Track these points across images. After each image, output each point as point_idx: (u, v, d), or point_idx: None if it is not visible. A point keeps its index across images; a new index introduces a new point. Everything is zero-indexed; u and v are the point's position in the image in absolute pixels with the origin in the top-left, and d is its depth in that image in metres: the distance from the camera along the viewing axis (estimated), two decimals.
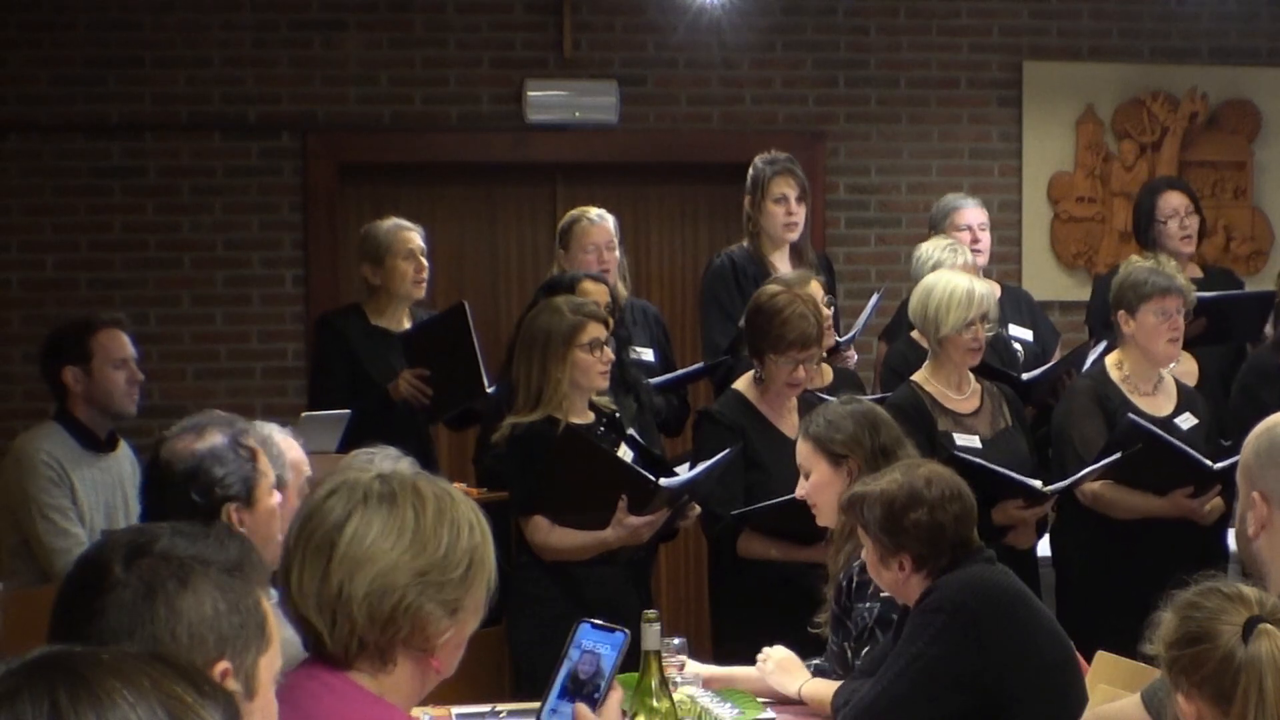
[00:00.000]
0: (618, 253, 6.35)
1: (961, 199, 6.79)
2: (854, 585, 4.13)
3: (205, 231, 7.45)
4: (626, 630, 2.72)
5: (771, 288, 5.43)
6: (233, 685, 1.89)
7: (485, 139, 7.61)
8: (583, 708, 2.64)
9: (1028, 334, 6.47)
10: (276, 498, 3.49)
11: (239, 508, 3.38)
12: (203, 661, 1.87)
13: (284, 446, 3.74)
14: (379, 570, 2.35)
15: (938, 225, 6.70)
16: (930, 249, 6.25)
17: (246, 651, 1.93)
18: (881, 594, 4.02)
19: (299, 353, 7.39)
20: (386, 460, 3.54)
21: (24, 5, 7.31)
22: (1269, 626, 2.42)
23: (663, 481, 5.06)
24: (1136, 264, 5.72)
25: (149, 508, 3.47)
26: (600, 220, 6.35)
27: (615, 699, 2.70)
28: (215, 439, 3.45)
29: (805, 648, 4.34)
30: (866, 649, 4.03)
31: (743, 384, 5.43)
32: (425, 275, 6.32)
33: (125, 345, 5.33)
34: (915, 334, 5.98)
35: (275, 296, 7.50)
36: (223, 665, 1.88)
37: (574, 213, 6.46)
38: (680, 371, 6.43)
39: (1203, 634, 2.47)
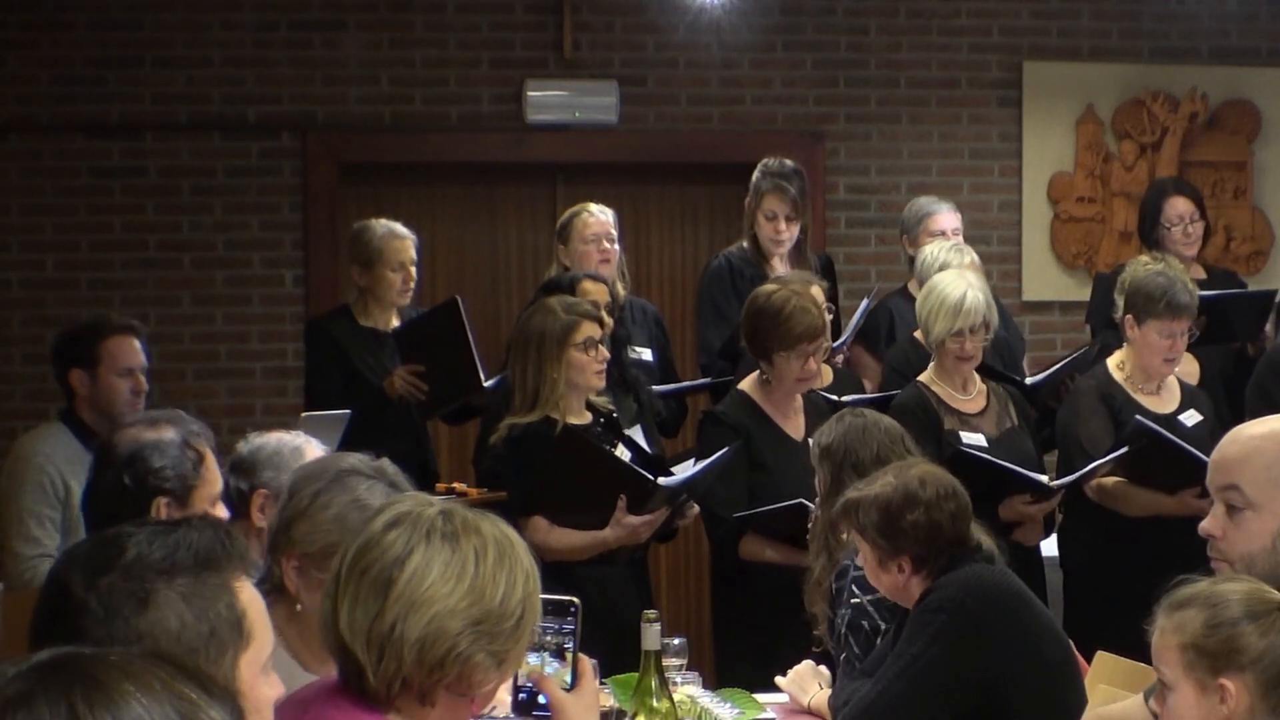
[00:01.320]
0: (617, 246, 6.35)
1: (934, 203, 6.76)
2: (834, 591, 4.14)
3: (205, 232, 7.45)
4: (577, 603, 2.70)
5: (767, 287, 5.43)
6: None
7: (485, 139, 7.61)
8: (550, 684, 2.62)
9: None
10: (221, 512, 3.45)
11: (170, 503, 3.35)
12: None
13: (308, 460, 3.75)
14: (435, 614, 2.30)
15: (910, 231, 6.67)
16: (935, 250, 6.23)
17: (222, 657, 1.90)
18: (852, 600, 4.03)
19: (299, 353, 7.38)
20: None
21: (24, 5, 7.30)
22: None
23: (661, 481, 5.05)
24: (1149, 267, 5.71)
25: (88, 487, 3.51)
26: (600, 213, 6.35)
27: (588, 669, 2.68)
28: (166, 433, 3.46)
29: (806, 652, 4.35)
30: (843, 654, 4.04)
31: (748, 384, 5.42)
32: (412, 284, 6.31)
33: (134, 354, 5.24)
34: (918, 333, 5.99)
35: (275, 297, 7.50)
36: None
37: (573, 208, 6.47)
38: (683, 384, 6.44)
39: (1241, 615, 2.50)
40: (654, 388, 6.13)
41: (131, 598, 1.90)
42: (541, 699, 2.64)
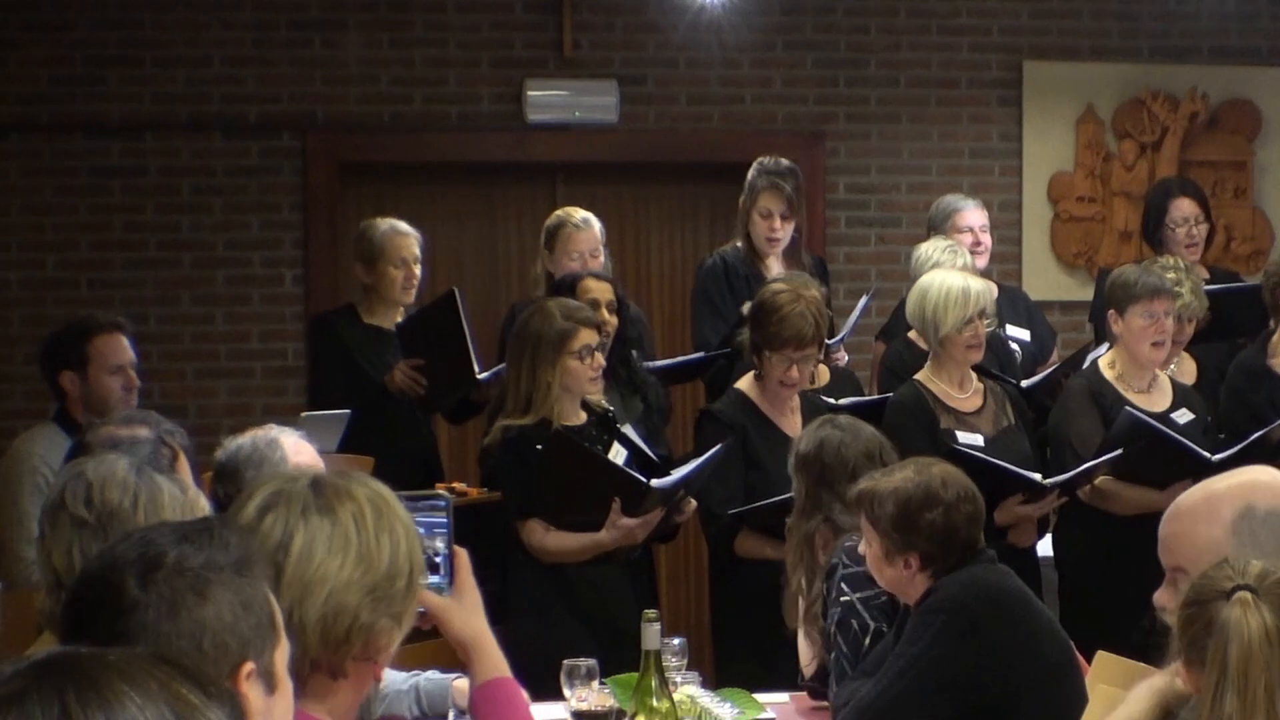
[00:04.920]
0: (603, 257, 6.29)
1: (962, 200, 6.76)
2: (824, 591, 4.12)
3: (205, 231, 7.45)
4: (446, 495, 2.64)
5: (776, 284, 5.43)
6: (257, 685, 1.87)
7: (485, 139, 7.61)
8: (428, 595, 2.56)
9: (1024, 334, 6.47)
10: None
11: None
12: (228, 667, 1.85)
13: (290, 452, 3.74)
14: (330, 591, 2.25)
15: (938, 227, 6.66)
16: (929, 250, 6.24)
17: (265, 649, 1.91)
18: (841, 598, 4.01)
19: (299, 352, 7.39)
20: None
21: (24, 5, 7.31)
22: (1246, 595, 2.42)
23: (654, 482, 5.05)
24: (1135, 265, 5.77)
25: None
26: (586, 226, 6.26)
27: (464, 565, 2.62)
28: (140, 431, 3.46)
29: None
30: (833, 654, 4.03)
31: (744, 383, 5.43)
32: (415, 282, 6.30)
33: (123, 350, 5.24)
34: (912, 334, 5.98)
35: (275, 296, 7.50)
36: (248, 667, 1.87)
37: (560, 214, 6.38)
38: (681, 359, 6.42)
39: (1198, 598, 2.49)
40: (649, 364, 6.10)
41: (191, 591, 1.90)
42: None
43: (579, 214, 6.35)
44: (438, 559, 2.58)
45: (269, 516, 2.29)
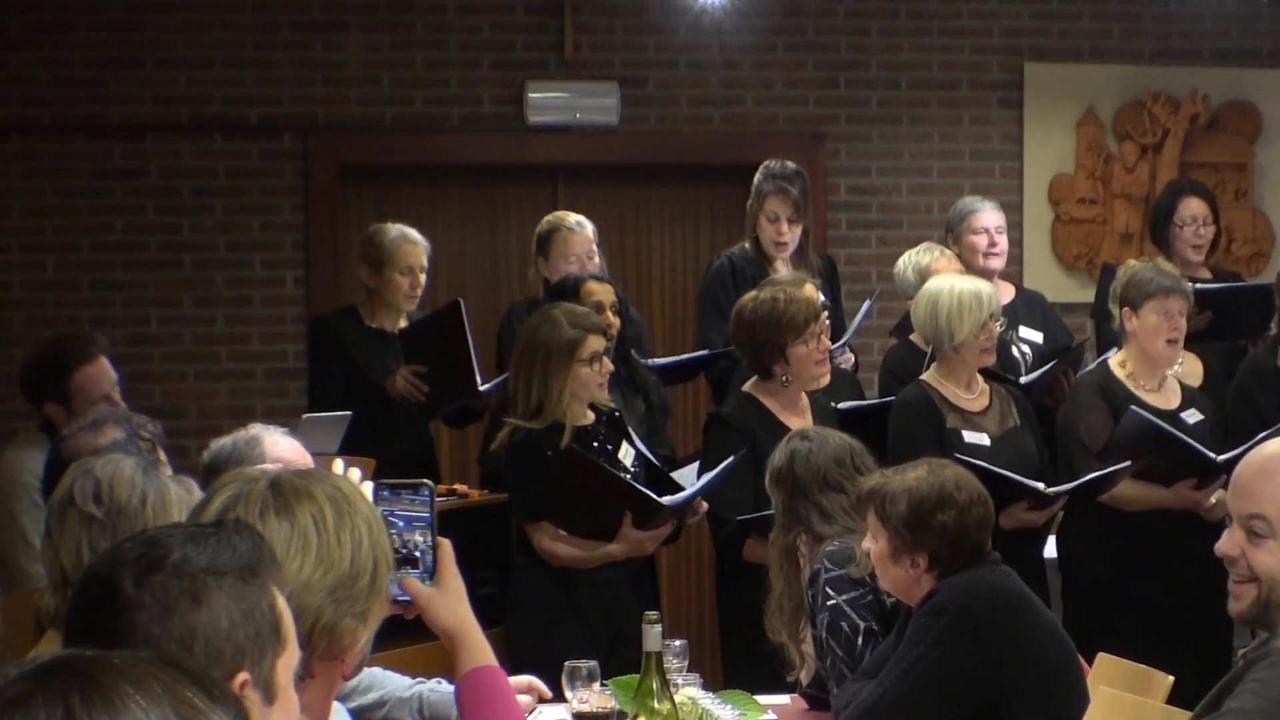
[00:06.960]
0: (597, 259, 6.30)
1: (979, 201, 6.74)
2: (810, 599, 4.12)
3: (206, 233, 7.45)
4: (429, 484, 2.61)
5: (747, 297, 5.41)
6: (253, 694, 1.86)
7: (486, 140, 7.61)
8: (413, 582, 2.55)
9: (1037, 336, 6.46)
10: None
11: None
12: (220, 675, 1.83)
13: (268, 448, 3.74)
14: (290, 594, 2.18)
15: (955, 228, 6.64)
16: (907, 259, 6.30)
17: (264, 658, 1.89)
18: (828, 603, 4.01)
19: (300, 354, 7.39)
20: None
21: (25, 6, 7.31)
22: None
23: (666, 499, 5.06)
24: (1140, 263, 5.79)
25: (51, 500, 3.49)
26: (579, 229, 6.26)
27: (447, 554, 2.60)
28: (114, 434, 3.45)
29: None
30: (828, 660, 4.03)
31: (751, 385, 5.41)
32: (420, 289, 6.30)
33: (105, 377, 5.17)
34: (914, 337, 5.98)
35: (276, 298, 7.50)
36: (242, 676, 1.86)
37: (552, 219, 6.37)
38: (683, 356, 6.41)
39: None
40: (651, 361, 6.10)
41: (185, 595, 1.88)
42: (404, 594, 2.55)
43: (571, 217, 6.33)
44: (418, 553, 2.56)
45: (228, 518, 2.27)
